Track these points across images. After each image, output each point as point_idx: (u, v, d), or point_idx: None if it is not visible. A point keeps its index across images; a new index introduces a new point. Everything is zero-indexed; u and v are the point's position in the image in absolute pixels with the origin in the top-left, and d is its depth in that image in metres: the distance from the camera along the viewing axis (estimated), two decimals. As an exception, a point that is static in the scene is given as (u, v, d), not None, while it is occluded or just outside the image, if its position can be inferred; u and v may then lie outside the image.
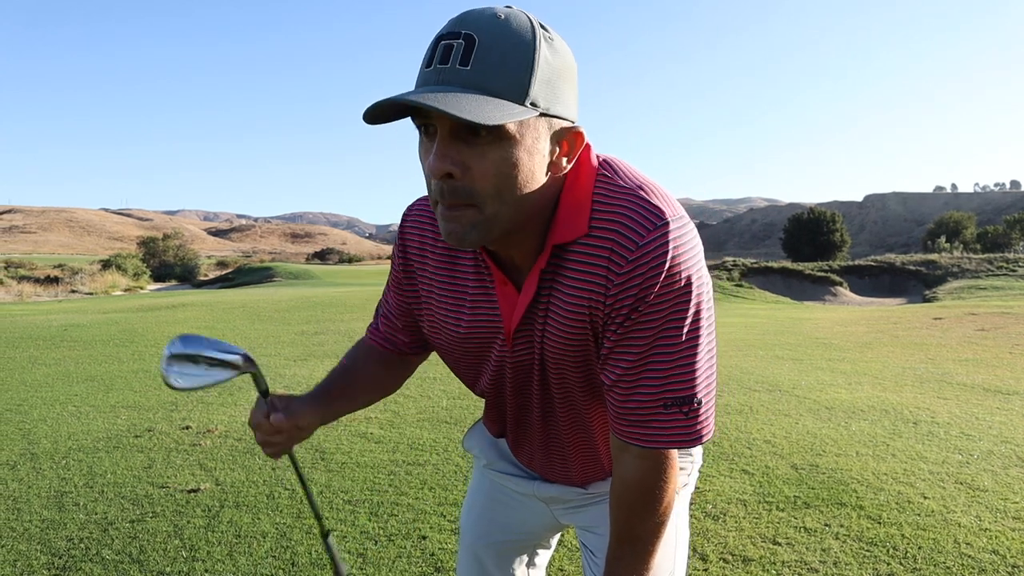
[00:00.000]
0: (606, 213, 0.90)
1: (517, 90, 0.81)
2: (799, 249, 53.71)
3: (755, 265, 31.76)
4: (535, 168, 0.86)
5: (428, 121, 0.84)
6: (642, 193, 0.90)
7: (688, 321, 0.90)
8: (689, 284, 0.89)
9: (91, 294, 26.66)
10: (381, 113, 0.83)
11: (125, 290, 30.32)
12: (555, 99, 0.85)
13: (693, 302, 0.90)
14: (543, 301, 0.97)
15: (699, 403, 0.93)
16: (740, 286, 25.88)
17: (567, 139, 0.89)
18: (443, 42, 0.81)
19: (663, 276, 0.87)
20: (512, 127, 0.82)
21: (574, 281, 0.93)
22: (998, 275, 29.01)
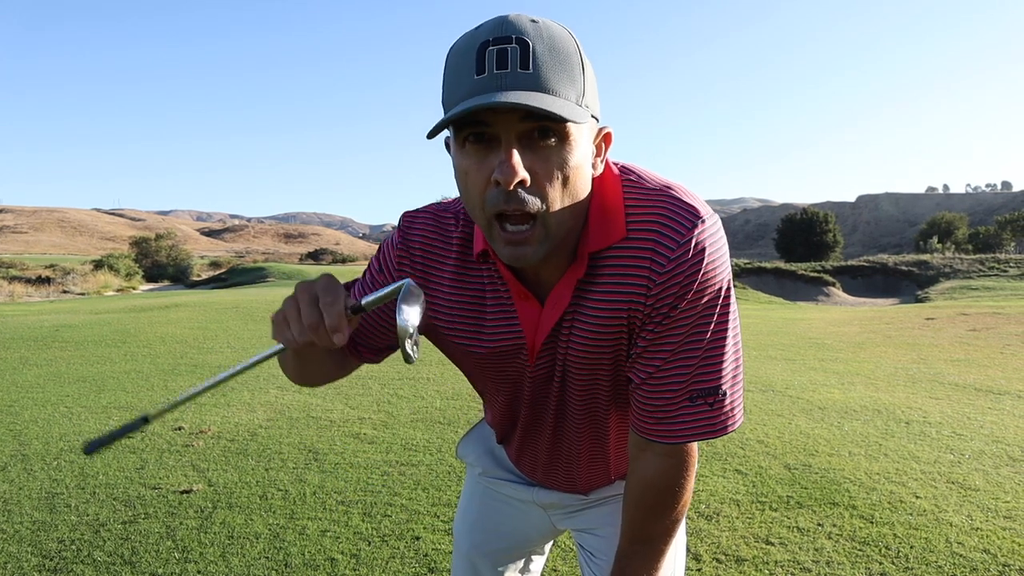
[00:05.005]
0: (641, 215, 0.90)
1: (575, 94, 0.80)
2: (792, 249, 53.90)
3: (748, 265, 31.84)
4: (586, 172, 0.86)
5: (487, 130, 0.80)
6: (673, 192, 0.90)
7: (717, 314, 0.92)
8: (722, 279, 0.91)
9: (83, 294, 26.53)
10: (445, 122, 0.79)
11: (117, 290, 30.19)
12: (596, 102, 0.85)
13: (723, 296, 0.91)
14: (569, 311, 0.95)
15: (724, 394, 0.94)
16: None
17: (600, 140, 0.89)
18: (493, 48, 0.78)
19: (702, 273, 0.88)
20: (572, 131, 0.81)
21: (610, 287, 0.92)
22: (989, 275, 29.18)
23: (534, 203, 0.81)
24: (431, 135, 0.80)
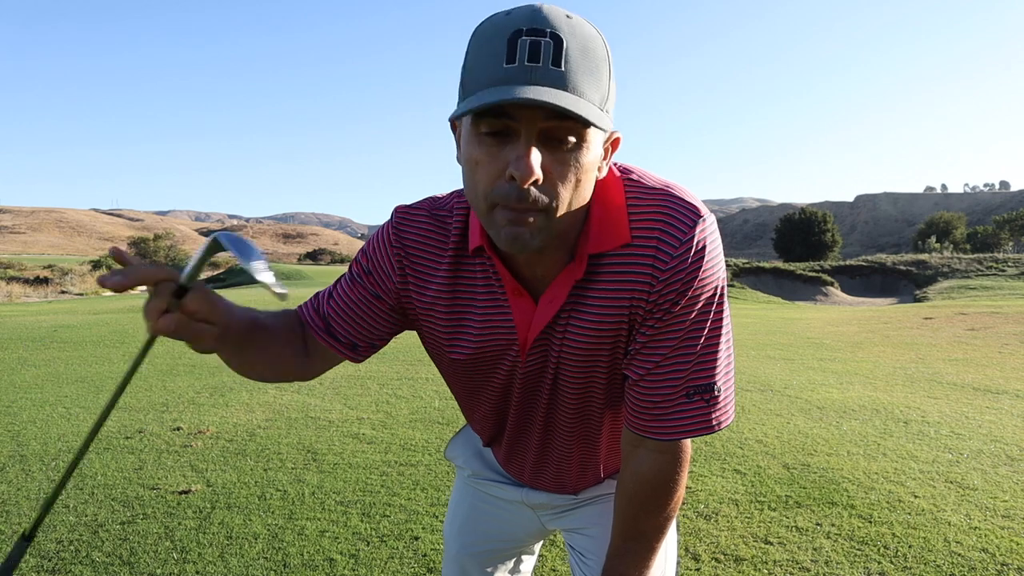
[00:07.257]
0: (644, 215, 0.90)
1: (600, 97, 0.79)
2: (791, 249, 53.99)
3: (747, 265, 31.87)
4: (594, 174, 0.85)
5: (509, 123, 0.78)
6: (674, 192, 0.91)
7: (714, 312, 0.92)
8: (719, 277, 0.92)
9: (81, 295, 26.48)
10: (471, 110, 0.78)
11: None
12: (614, 105, 0.84)
13: (719, 293, 0.92)
14: (566, 310, 0.95)
15: (719, 391, 0.95)
16: (732, 286, 25.98)
17: (609, 144, 0.89)
18: (526, 38, 0.76)
19: (702, 271, 0.89)
20: (589, 134, 0.80)
21: (611, 288, 0.92)
22: (987, 275, 29.23)
23: (543, 200, 0.80)
24: (455, 120, 0.81)
